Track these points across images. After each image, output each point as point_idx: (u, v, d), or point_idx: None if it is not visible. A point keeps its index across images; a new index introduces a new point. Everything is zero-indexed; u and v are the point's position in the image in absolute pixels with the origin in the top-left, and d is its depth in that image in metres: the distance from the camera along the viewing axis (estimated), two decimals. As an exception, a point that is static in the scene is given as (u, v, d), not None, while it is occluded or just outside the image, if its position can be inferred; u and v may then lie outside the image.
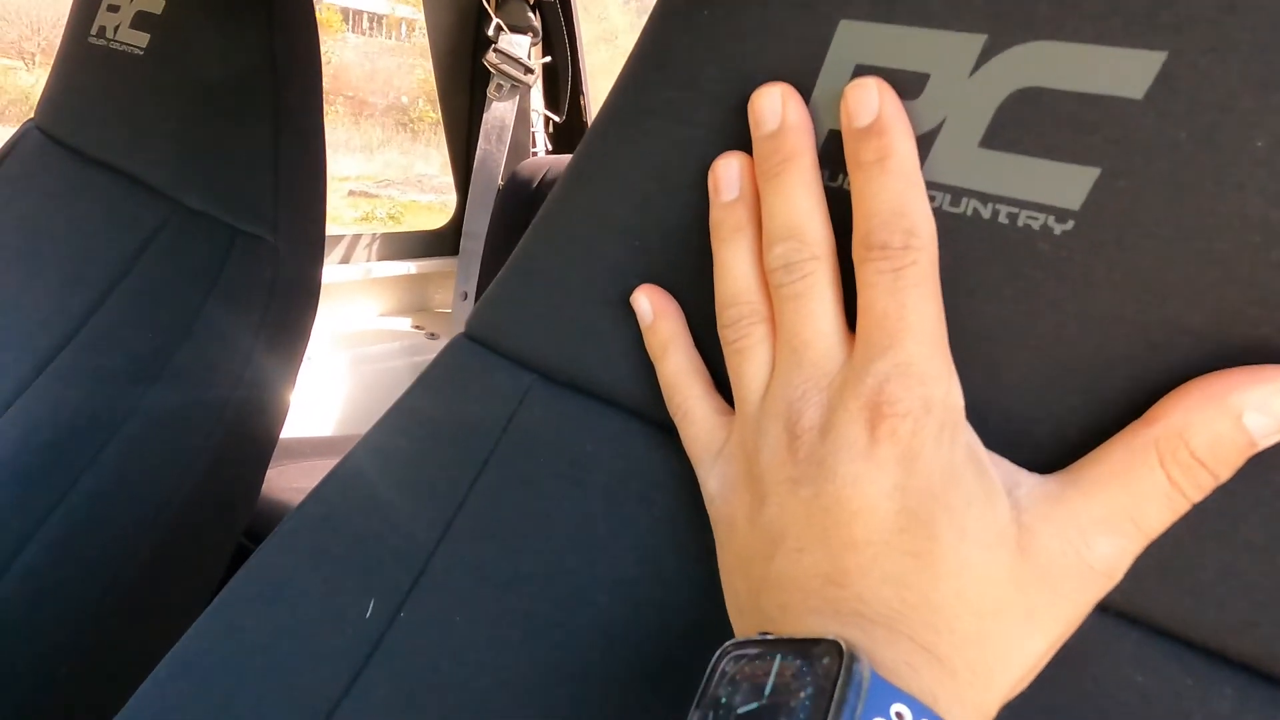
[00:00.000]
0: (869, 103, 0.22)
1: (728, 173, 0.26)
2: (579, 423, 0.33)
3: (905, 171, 0.22)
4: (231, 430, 0.63)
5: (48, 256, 0.67)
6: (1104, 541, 0.20)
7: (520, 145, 1.47)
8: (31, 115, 0.80)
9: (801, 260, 0.23)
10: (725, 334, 0.26)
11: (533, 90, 1.46)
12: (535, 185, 1.34)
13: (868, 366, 0.22)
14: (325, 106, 0.69)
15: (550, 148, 1.53)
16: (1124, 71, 0.20)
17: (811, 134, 0.24)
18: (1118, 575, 0.21)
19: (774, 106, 0.24)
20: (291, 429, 1.06)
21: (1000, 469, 0.22)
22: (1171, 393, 0.21)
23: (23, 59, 5.79)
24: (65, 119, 0.73)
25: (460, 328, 0.39)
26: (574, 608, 0.30)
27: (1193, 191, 0.20)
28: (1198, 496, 0.20)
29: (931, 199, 0.23)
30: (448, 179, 1.59)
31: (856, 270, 0.23)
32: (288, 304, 0.66)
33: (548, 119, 1.52)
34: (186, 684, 0.33)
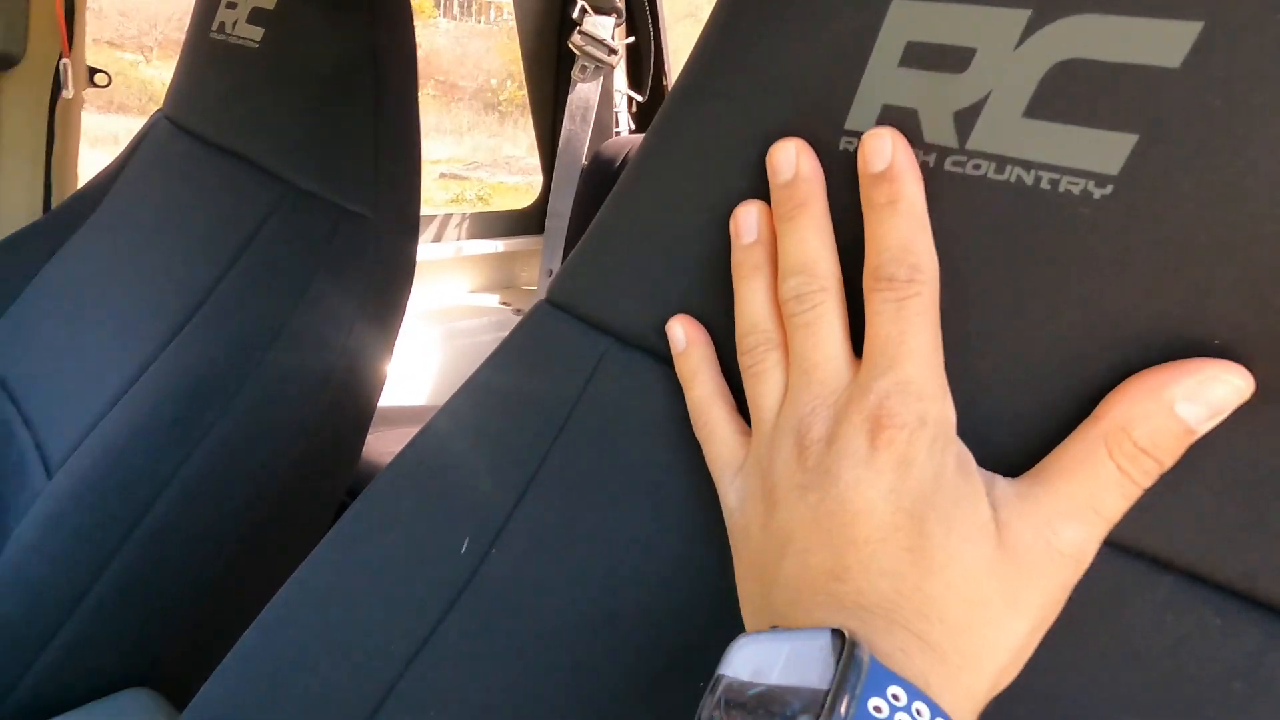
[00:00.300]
0: (883, 151, 0.25)
1: (747, 219, 0.29)
2: (650, 387, 0.35)
3: (914, 214, 0.25)
4: (336, 394, 0.69)
5: (178, 234, 0.73)
6: (1069, 529, 0.23)
7: (604, 125, 1.50)
8: (152, 105, 0.87)
9: (812, 292, 0.26)
10: (743, 360, 0.29)
11: (616, 70, 1.48)
12: (618, 164, 1.37)
13: (871, 384, 0.24)
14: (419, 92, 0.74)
15: (633, 127, 1.55)
16: (1161, 41, 0.22)
17: (822, 183, 0.27)
18: (1087, 558, 0.23)
19: (789, 159, 0.28)
20: (387, 398, 1.13)
21: (982, 474, 0.25)
22: (1115, 388, 0.23)
23: (142, 53, 6.16)
24: (191, 108, 0.80)
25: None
26: (643, 562, 0.33)
27: (1225, 156, 0.21)
28: (1147, 482, 0.22)
29: (976, 167, 0.25)
30: (534, 160, 1.63)
31: (866, 299, 0.25)
32: (387, 278, 0.71)
33: (630, 98, 1.54)
34: (305, 604, 0.38)
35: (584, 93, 1.43)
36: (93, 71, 0.99)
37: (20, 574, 0.57)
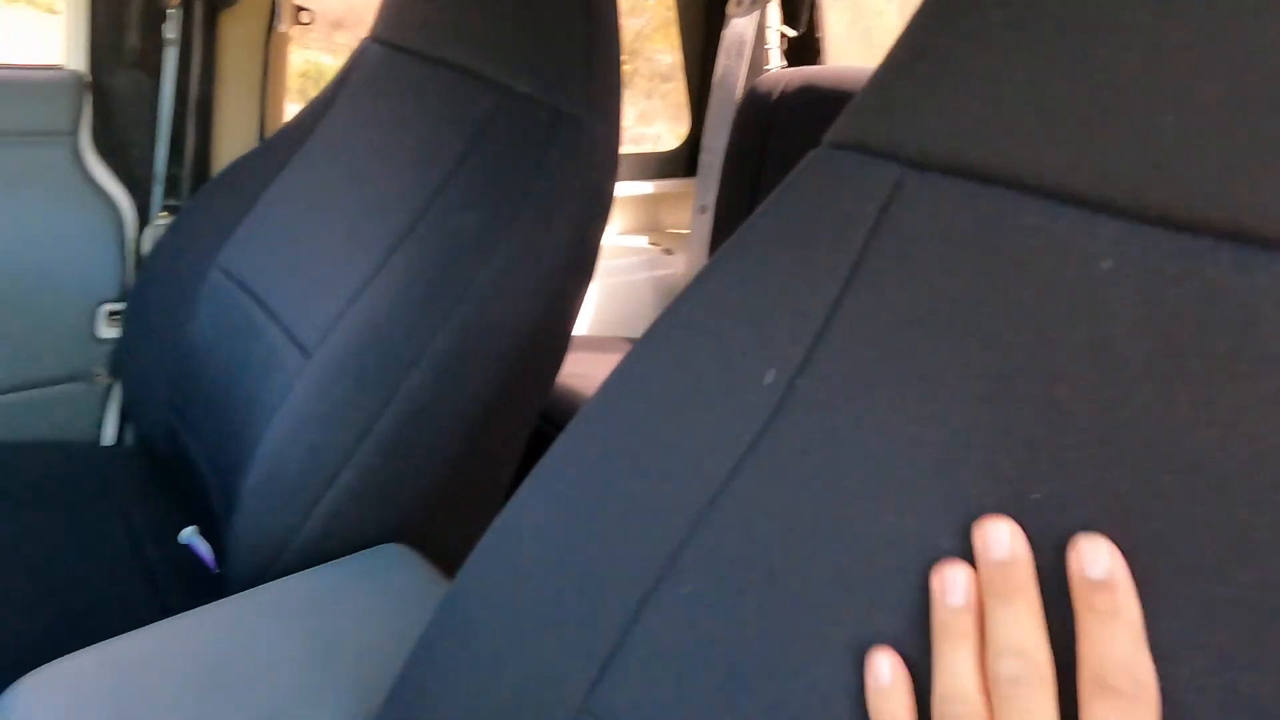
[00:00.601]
0: (1101, 558, 0.27)
1: (955, 580, 0.30)
2: (957, 204, 0.36)
3: (1134, 628, 0.26)
4: (555, 286, 0.72)
5: (402, 143, 0.78)
6: None
7: (756, 61, 1.50)
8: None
9: (1031, 679, 0.27)
10: None
11: (769, 6, 1.47)
12: (775, 98, 1.37)
13: None
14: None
15: (784, 64, 1.54)
16: None
17: (1033, 567, 0.29)
18: None
19: (1003, 539, 0.29)
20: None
21: None
22: None
23: None
24: (403, 27, 0.85)
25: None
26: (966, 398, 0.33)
27: None
28: None
29: None
30: (639, 130, 1.63)
31: (1084, 702, 0.26)
32: (598, 178, 0.74)
33: (783, 35, 1.52)
34: (610, 432, 0.40)
35: (739, 28, 1.42)
36: (298, 9, 1.06)
37: (297, 437, 0.63)
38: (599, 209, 0.74)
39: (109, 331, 1.05)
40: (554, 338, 0.76)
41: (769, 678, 0.33)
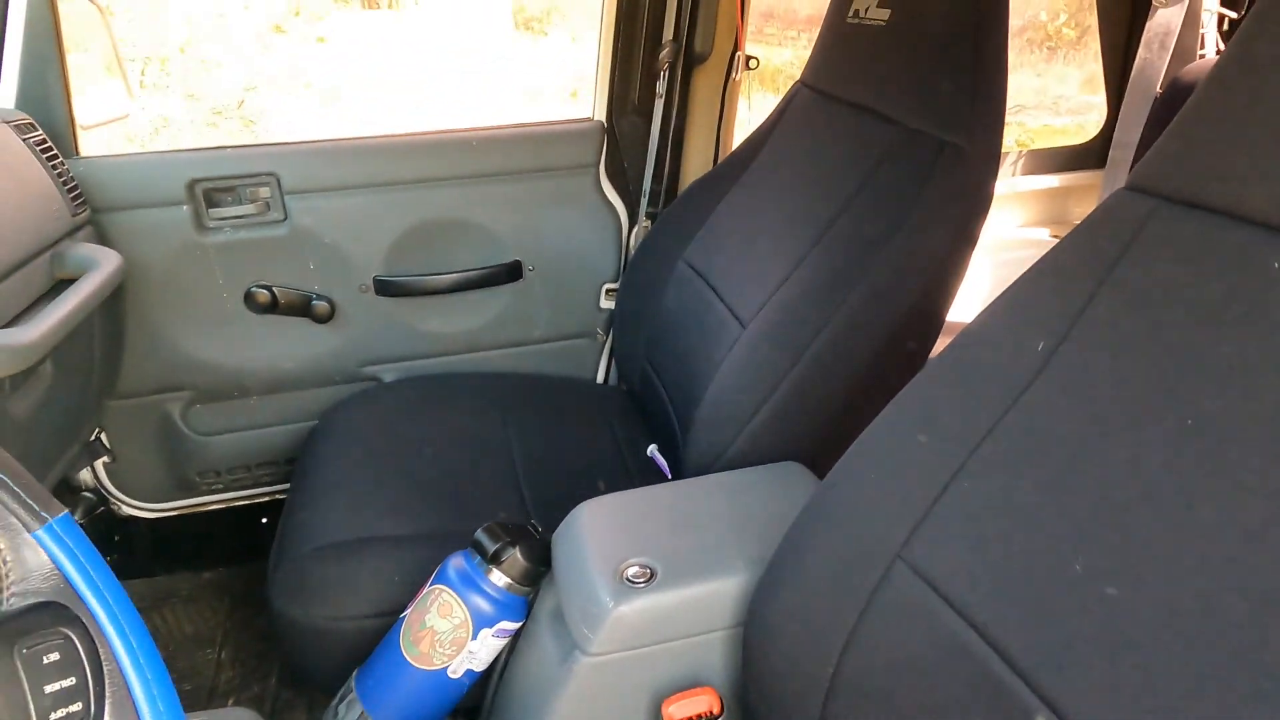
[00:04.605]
0: None
1: None
2: (1200, 241, 0.49)
3: None
4: (916, 304, 0.91)
5: (817, 173, 1.03)
6: None
7: (1184, 49, 1.45)
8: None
9: None
10: None
11: (1207, -12, 1.41)
12: (1200, 88, 1.33)
13: None
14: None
15: (1221, 47, 1.45)
16: None
17: None
18: None
19: None
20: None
21: None
22: None
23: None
24: (828, 76, 1.09)
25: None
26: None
27: None
28: None
29: None
30: (1086, 98, 1.63)
31: None
32: (971, 208, 0.90)
33: (1222, 16, 1.44)
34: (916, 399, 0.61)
35: (1165, 18, 1.40)
36: (747, 59, 1.37)
37: (733, 383, 0.93)
38: (973, 219, 0.91)
39: (607, 303, 1.48)
40: (929, 316, 0.94)
41: (1049, 529, 0.51)
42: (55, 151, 1.11)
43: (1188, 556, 0.43)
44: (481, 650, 0.81)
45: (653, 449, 1.20)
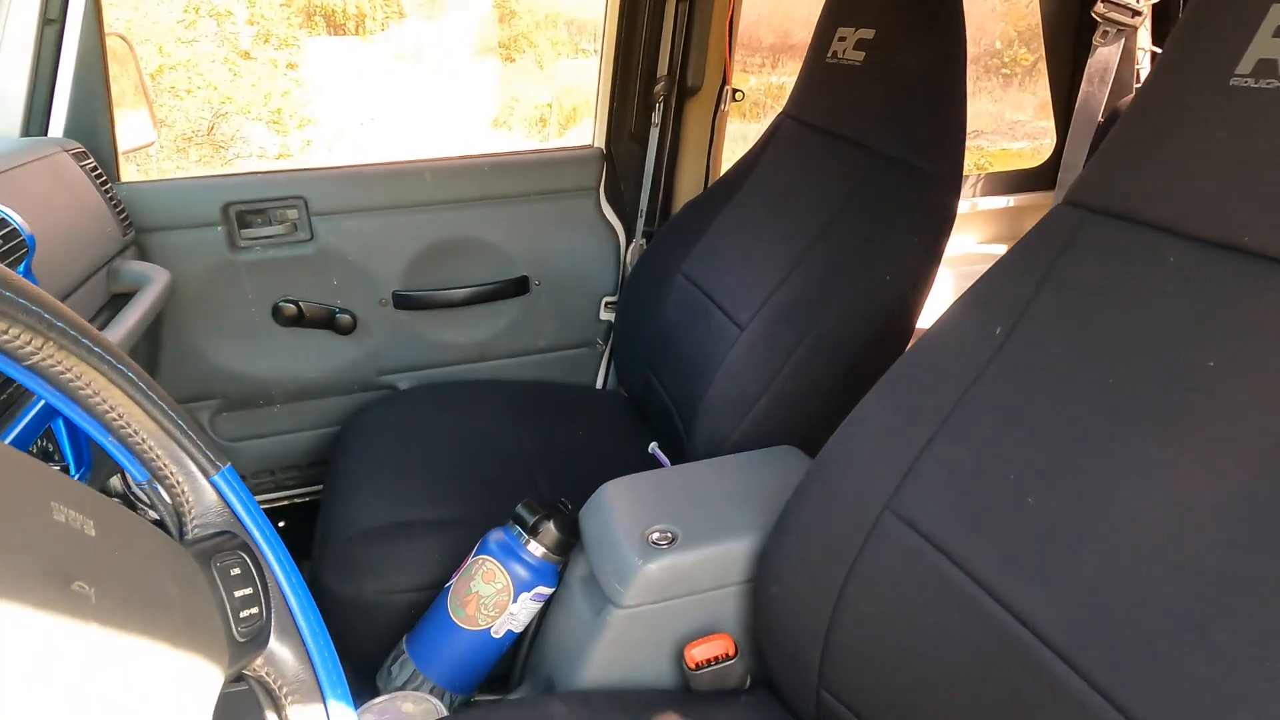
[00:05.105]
0: None
1: None
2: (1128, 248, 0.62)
3: None
4: (893, 302, 1.04)
5: (803, 196, 1.17)
6: None
7: (1123, 83, 1.62)
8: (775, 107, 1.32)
9: None
10: None
11: (1140, 29, 1.58)
12: (1135, 118, 1.49)
13: None
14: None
15: (1155, 81, 1.63)
16: None
17: None
18: None
19: None
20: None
21: None
22: None
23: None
24: (810, 108, 1.23)
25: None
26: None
27: None
28: None
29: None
30: (1040, 124, 1.81)
31: None
32: (937, 224, 1.04)
33: (1154, 55, 1.62)
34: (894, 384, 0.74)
35: (1104, 56, 1.56)
36: (733, 91, 1.51)
37: (732, 380, 1.06)
38: (939, 235, 1.04)
39: (606, 315, 1.60)
40: (904, 316, 1.07)
41: (1008, 473, 0.64)
42: (105, 176, 1.21)
43: (1117, 480, 0.56)
44: (521, 612, 0.92)
45: (654, 445, 1.31)
